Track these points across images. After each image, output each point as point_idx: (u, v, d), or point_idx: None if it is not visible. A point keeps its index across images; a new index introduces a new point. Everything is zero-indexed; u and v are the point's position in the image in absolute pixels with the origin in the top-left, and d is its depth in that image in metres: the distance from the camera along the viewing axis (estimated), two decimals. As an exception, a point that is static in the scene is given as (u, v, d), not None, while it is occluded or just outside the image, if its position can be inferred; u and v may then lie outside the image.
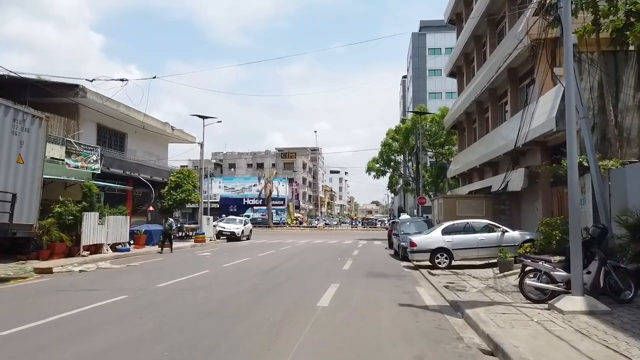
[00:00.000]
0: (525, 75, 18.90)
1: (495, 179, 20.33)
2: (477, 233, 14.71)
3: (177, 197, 27.78)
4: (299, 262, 16.55)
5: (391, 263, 17.00)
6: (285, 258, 18.25)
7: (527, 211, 18.62)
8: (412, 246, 14.95)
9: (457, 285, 11.06)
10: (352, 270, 14.18)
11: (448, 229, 15.00)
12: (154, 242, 23.78)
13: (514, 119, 18.57)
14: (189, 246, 25.62)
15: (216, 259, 17.69)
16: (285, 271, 13.55)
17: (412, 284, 11.34)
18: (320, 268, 14.61)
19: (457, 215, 20.22)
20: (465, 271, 13.92)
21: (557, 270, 7.92)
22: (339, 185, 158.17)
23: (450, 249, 14.50)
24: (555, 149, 16.12)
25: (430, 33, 71.78)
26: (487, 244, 14.46)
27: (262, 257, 18.57)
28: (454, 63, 30.11)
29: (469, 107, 25.99)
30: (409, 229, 19.69)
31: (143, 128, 28.10)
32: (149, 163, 28.54)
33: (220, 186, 73.92)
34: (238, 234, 31.73)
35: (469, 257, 14.86)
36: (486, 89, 22.28)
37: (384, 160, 37.26)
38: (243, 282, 11.18)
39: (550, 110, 14.31)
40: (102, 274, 12.99)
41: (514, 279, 11.64)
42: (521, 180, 16.34)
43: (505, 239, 14.43)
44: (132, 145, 28.37)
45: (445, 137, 36.09)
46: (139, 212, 28.77)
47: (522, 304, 8.00)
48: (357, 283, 11.24)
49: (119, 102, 24.51)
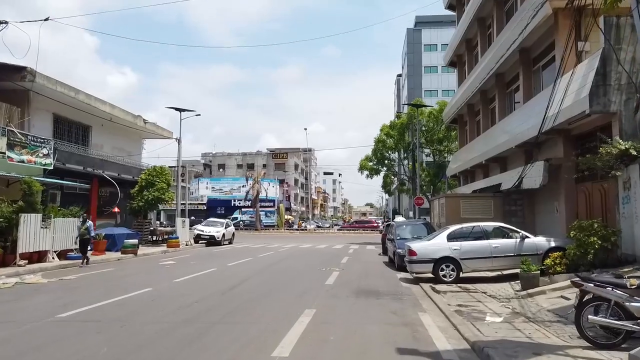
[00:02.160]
0: (541, 56, 16.33)
1: (504, 176, 17.72)
2: (490, 239, 12.04)
3: (149, 196, 24.93)
4: (273, 275, 13.73)
5: (385, 274, 14.30)
6: (259, 268, 15.44)
7: (544, 212, 16.02)
8: (411, 255, 12.25)
9: (473, 310, 8.39)
10: (337, 286, 11.44)
11: (455, 234, 12.32)
12: (117, 248, 20.99)
13: (528, 106, 16.00)
14: (159, 252, 22.81)
15: (174, 270, 14.83)
16: (250, 290, 10.68)
17: (413, 308, 8.65)
18: (296, 283, 11.85)
19: (462, 217, 17.60)
20: (477, 286, 11.26)
21: (636, 300, 5.26)
22: (332, 187, 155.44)
23: (458, 258, 11.82)
24: (581, 138, 13.54)
25: (426, 28, 69.29)
26: (503, 252, 11.80)
27: (232, 268, 15.76)
28: (454, 50, 27.53)
29: (472, 97, 23.42)
30: (406, 233, 17.09)
31: (110, 120, 25.27)
32: (116, 159, 25.63)
33: (208, 187, 70.95)
34: (218, 237, 28.89)
35: (481, 268, 12.20)
36: (492, 74, 19.71)
37: (378, 158, 34.45)
38: (181, 309, 8.22)
39: (579, 90, 11.71)
40: (6, 294, 10.10)
41: (544, 300, 9.00)
42: (540, 176, 13.72)
43: (525, 246, 11.77)
44: (98, 140, 25.49)
45: (444, 133, 33.47)
46: (107, 214, 25.94)
47: (583, 350, 5.33)
48: (339, 309, 8.49)
49: (77, 89, 21.66)
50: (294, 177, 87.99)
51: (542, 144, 15.26)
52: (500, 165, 19.61)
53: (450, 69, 70.67)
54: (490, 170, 21.75)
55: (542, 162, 13.86)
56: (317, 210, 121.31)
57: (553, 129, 13.14)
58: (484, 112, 22.80)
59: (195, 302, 8.97)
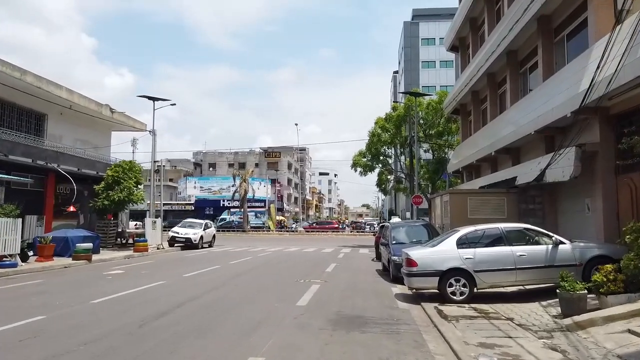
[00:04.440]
0: (565, 24, 13.59)
1: (519, 169, 14.96)
2: (512, 245, 9.26)
3: (115, 196, 21.99)
4: (230, 292, 10.70)
5: (378, 288, 11.46)
6: (220, 281, 12.44)
7: (570, 212, 13.26)
8: (410, 265, 9.46)
9: (504, 354, 5.62)
10: (311, 309, 8.59)
11: (466, 239, 9.53)
12: (70, 253, 18.14)
13: (550, 84, 13.22)
14: (122, 257, 19.92)
15: (108, 285, 11.53)
16: (184, 319, 7.62)
17: (414, 351, 5.85)
18: (256, 306, 8.93)
19: (469, 217, 14.83)
20: (497, 307, 8.50)
21: None
22: (328, 187, 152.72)
23: (472, 270, 9.04)
24: (622, 118, 10.81)
25: (423, 22, 66.47)
26: (531, 262, 9.02)
27: (187, 280, 12.73)
28: (456, 32, 24.78)
29: (477, 83, 20.69)
30: (402, 237, 14.32)
31: (70, 108, 22.39)
32: (76, 152, 22.70)
33: (196, 187, 67.87)
34: (195, 240, 26.04)
35: (502, 283, 9.40)
36: (503, 53, 16.97)
37: (372, 154, 31.52)
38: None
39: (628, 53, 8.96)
40: None
41: (604, 337, 6.22)
42: (571, 166, 10.96)
43: (560, 254, 9.01)
44: (56, 130, 22.60)
45: (444, 126, 30.69)
46: (66, 214, 23.06)
47: None
48: (303, 355, 5.68)
49: (24, 69, 18.77)
50: (287, 177, 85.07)
51: (570, 128, 12.54)
52: (512, 157, 16.88)
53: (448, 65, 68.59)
54: (499, 163, 19.02)
55: (574, 148, 11.08)
56: (312, 211, 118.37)
57: (587, 108, 10.44)
58: (491, 98, 20.04)
59: (83, 344, 6.03)
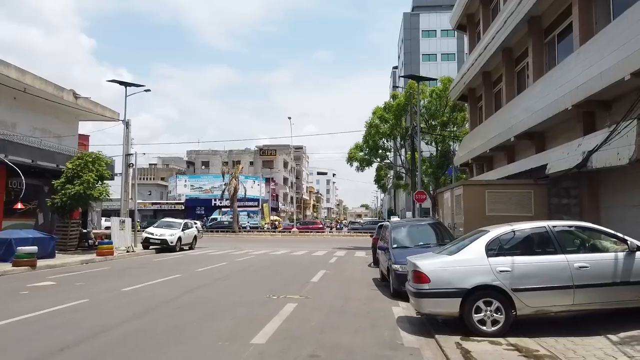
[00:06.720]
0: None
1: (551, 155, 12.17)
2: (566, 252, 6.46)
3: (71, 191, 19.21)
4: (161, 320, 7.53)
5: (374, 311, 8.49)
6: (162, 299, 9.33)
7: (618, 207, 10.48)
8: (419, 281, 6.63)
9: None
10: (271, 352, 5.71)
11: (500, 243, 6.71)
12: (11, 259, 15.35)
13: (593, 46, 10.41)
14: (78, 262, 17.12)
15: (14, 305, 8.80)
16: None
17: None
18: (187, 347, 5.99)
19: (487, 214, 12.09)
20: (547, 343, 5.73)
21: None
22: (326, 187, 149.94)
23: (509, 288, 6.24)
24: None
25: (424, 13, 63.63)
26: (597, 277, 6.23)
27: (118, 299, 9.54)
28: (464, 8, 22.00)
29: (490, 61, 17.95)
30: (405, 239, 11.20)
31: (24, 92, 19.59)
32: (29, 141, 19.84)
33: (187, 185, 65.02)
34: (172, 242, 23.26)
35: (554, 308, 6.54)
36: (523, 21, 14.26)
37: (370, 147, 28.65)
38: None
39: None
40: None
41: None
42: (632, 145, 8.20)
43: (638, 265, 6.22)
44: (8, 117, 19.79)
45: (449, 116, 27.89)
46: (22, 213, 20.29)
47: None
48: None
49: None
50: (282, 176, 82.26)
51: (617, 101, 9.81)
52: (536, 142, 14.13)
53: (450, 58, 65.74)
54: (517, 152, 16.28)
55: (635, 121, 8.31)
56: (310, 211, 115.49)
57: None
58: (507, 77, 17.24)
59: None
